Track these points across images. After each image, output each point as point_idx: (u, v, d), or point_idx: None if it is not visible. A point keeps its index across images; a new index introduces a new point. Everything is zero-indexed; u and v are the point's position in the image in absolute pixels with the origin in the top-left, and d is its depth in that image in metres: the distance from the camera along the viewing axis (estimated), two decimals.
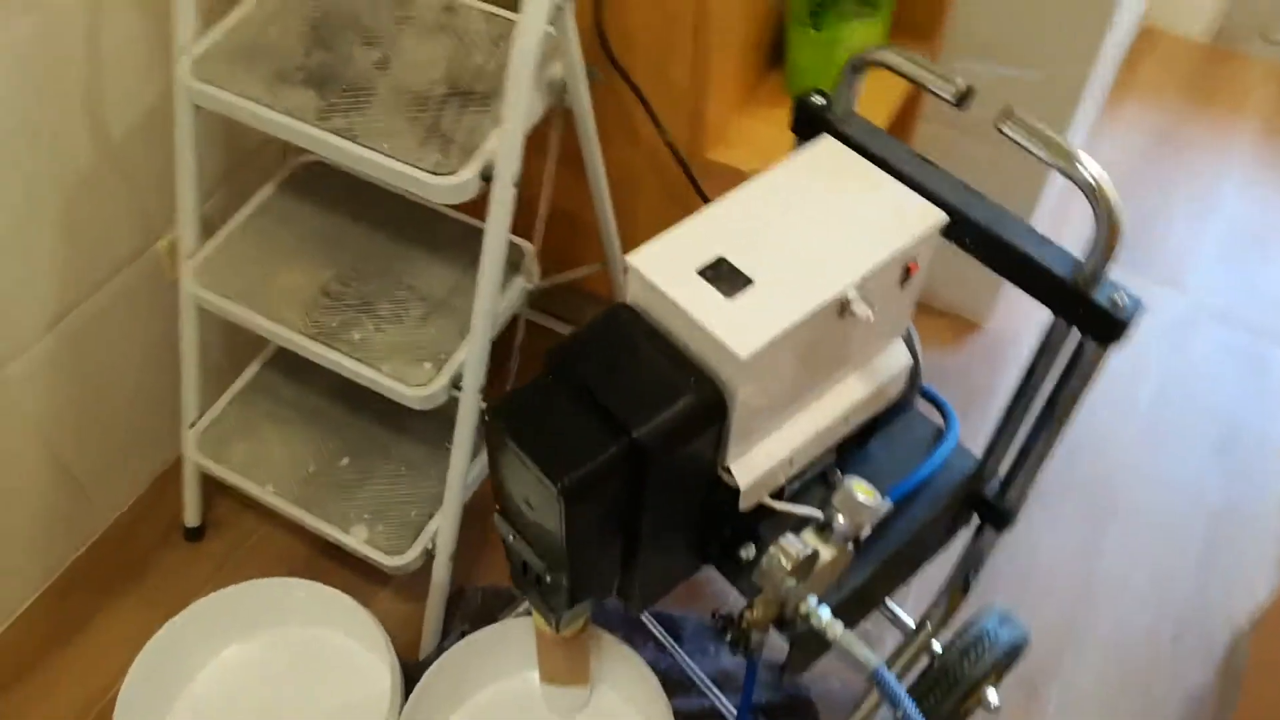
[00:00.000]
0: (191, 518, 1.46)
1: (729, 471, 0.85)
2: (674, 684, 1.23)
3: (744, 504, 0.88)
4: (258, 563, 1.45)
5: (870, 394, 0.93)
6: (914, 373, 0.99)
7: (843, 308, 0.80)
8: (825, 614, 0.85)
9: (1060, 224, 1.82)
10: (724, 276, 0.80)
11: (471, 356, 1.10)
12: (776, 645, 0.97)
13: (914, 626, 1.28)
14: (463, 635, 1.21)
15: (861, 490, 0.84)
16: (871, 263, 0.81)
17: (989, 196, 0.88)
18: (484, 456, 1.33)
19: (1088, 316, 0.83)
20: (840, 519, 0.84)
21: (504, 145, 0.98)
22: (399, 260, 1.21)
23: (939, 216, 0.84)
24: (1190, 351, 1.78)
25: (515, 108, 0.97)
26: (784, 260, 0.81)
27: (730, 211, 0.85)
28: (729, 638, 0.93)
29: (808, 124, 0.97)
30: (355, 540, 1.24)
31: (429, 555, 1.25)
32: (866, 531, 0.85)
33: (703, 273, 0.80)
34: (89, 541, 1.47)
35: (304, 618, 1.28)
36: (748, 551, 0.96)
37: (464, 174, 0.98)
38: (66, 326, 1.26)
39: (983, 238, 0.86)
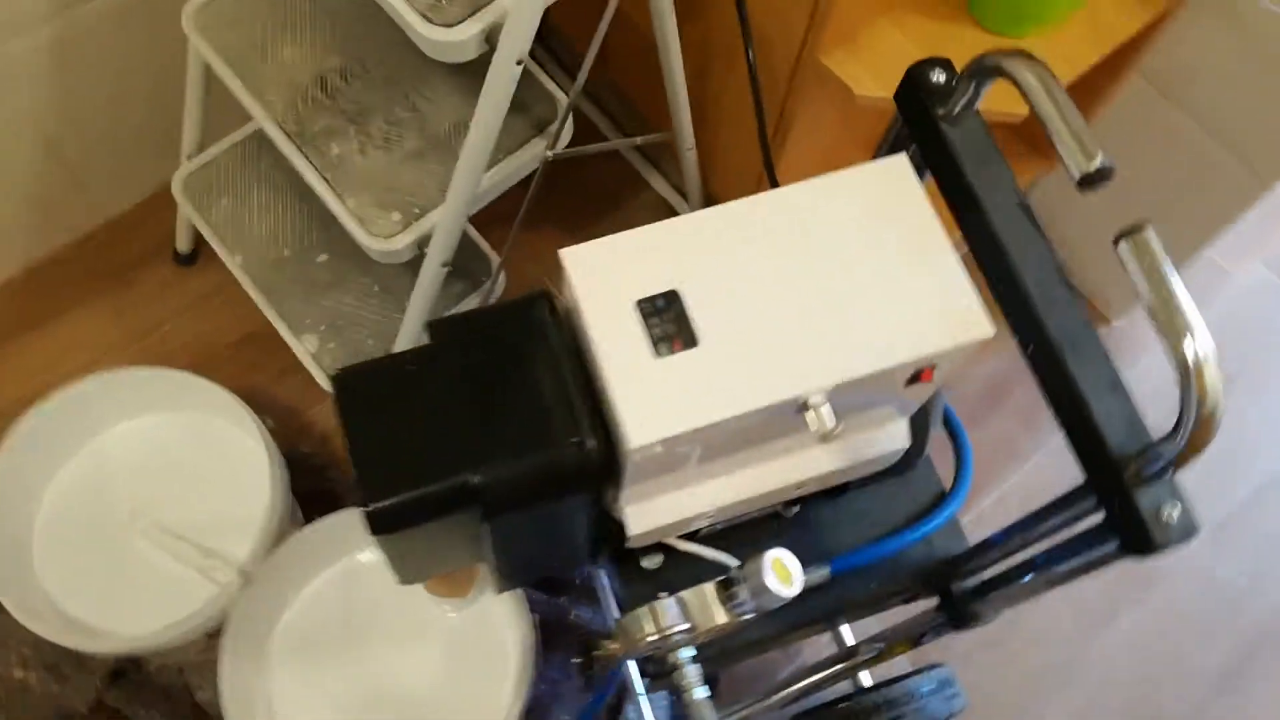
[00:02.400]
0: (183, 243, 1.38)
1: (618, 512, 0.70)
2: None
3: (632, 545, 0.74)
4: (233, 310, 1.37)
5: (839, 469, 0.75)
6: (916, 447, 0.79)
7: (802, 406, 0.61)
8: (693, 674, 0.73)
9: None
10: (665, 320, 0.61)
11: (441, 227, 0.93)
12: None
13: (848, 647, 1.15)
14: None
15: (778, 572, 0.67)
16: (865, 366, 0.60)
17: (1076, 301, 0.64)
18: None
19: (1121, 514, 0.62)
20: (744, 592, 0.70)
21: (515, 12, 0.76)
22: (416, 72, 1.01)
23: (984, 330, 0.62)
24: None
25: None
26: (753, 320, 0.61)
27: (721, 226, 0.64)
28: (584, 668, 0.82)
29: (911, 103, 0.72)
30: (303, 348, 1.15)
31: None
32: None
33: (643, 305, 0.61)
34: (78, 235, 1.41)
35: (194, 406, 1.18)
36: (652, 561, 0.83)
37: (464, 30, 0.77)
38: (71, 20, 1.12)
39: (1046, 354, 0.64)
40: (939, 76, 0.69)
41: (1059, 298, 0.63)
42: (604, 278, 0.62)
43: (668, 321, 0.61)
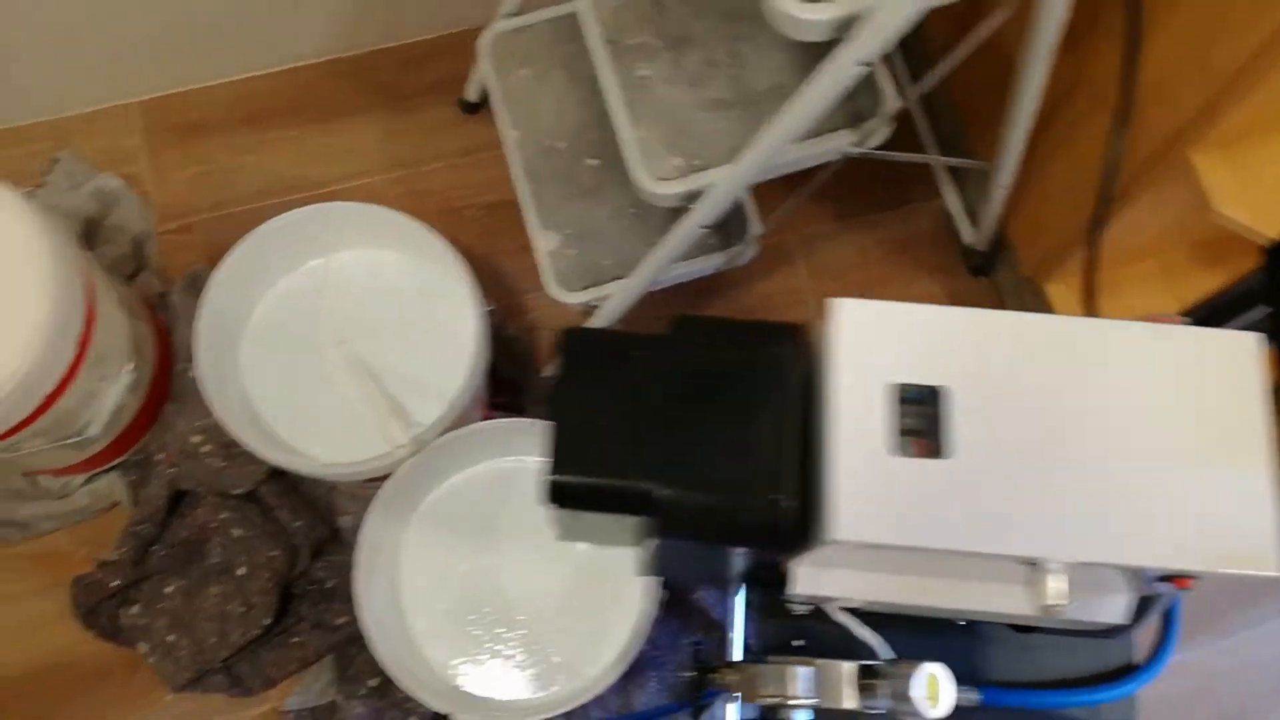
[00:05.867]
0: (472, 93, 1.38)
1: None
2: None
3: (788, 600, 0.70)
4: (493, 173, 1.37)
5: (1031, 616, 0.67)
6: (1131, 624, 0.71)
7: (1031, 564, 0.54)
8: None
9: None
10: (919, 416, 0.55)
11: (717, 190, 0.88)
12: None
13: None
14: None
15: (929, 687, 0.63)
16: (1123, 556, 0.53)
17: None
18: (690, 263, 1.15)
19: None
20: (884, 690, 0.65)
21: (881, 14, 0.68)
22: (751, 19, 0.95)
23: (1270, 568, 0.53)
24: None
25: None
26: (1016, 452, 0.54)
27: (1017, 334, 0.56)
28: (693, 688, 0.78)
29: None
30: (543, 243, 1.13)
31: (588, 310, 1.13)
32: None
33: (901, 390, 0.55)
34: (379, 45, 1.43)
35: (422, 257, 1.18)
36: (801, 607, 0.78)
37: (819, 10, 0.70)
38: None
39: None
40: None
41: None
42: (869, 344, 0.56)
43: (921, 418, 0.55)
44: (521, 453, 1.11)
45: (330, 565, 1.22)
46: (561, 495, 0.59)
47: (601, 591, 1.09)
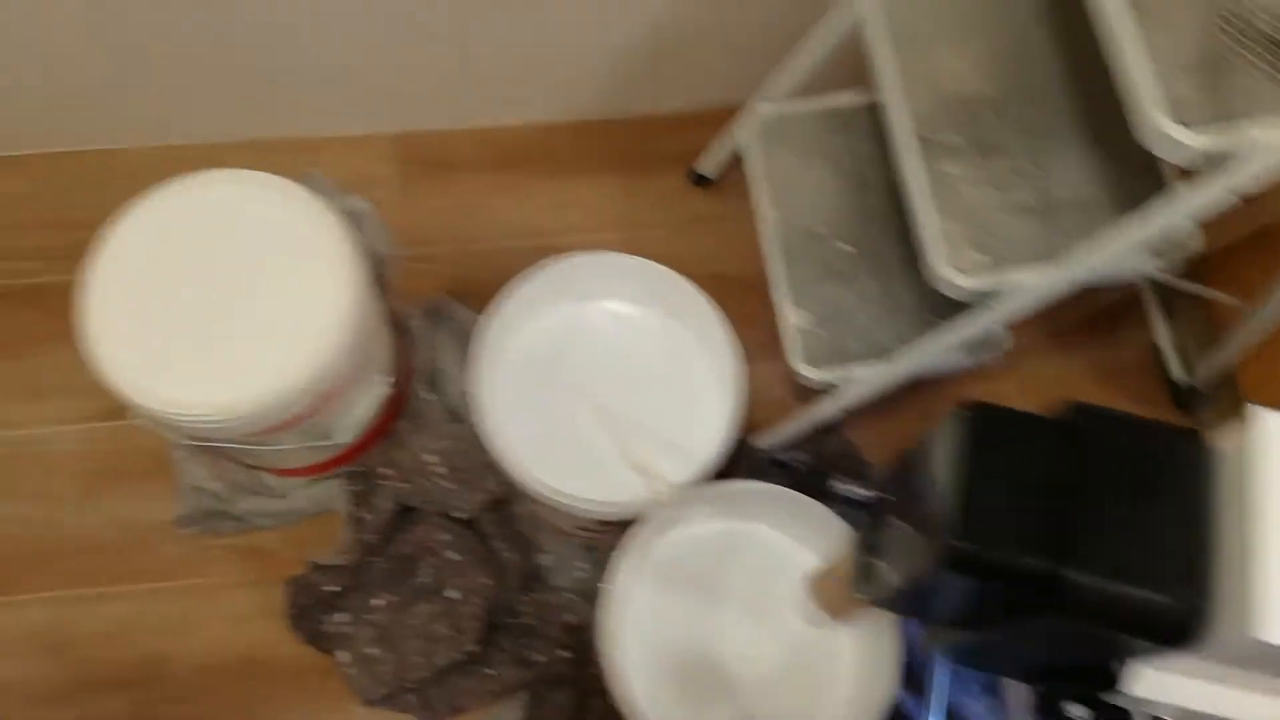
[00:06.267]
0: (709, 167, 1.45)
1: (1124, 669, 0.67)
2: None
3: (1114, 699, 0.70)
4: (714, 245, 1.43)
5: None
6: None
7: None
8: None
9: None
10: None
11: (1024, 291, 0.92)
12: None
13: None
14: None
15: None
16: None
17: None
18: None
19: None
20: None
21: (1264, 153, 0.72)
22: (1055, 134, 1.00)
23: None
24: None
25: None
26: None
27: None
28: None
29: None
30: (792, 319, 1.17)
31: (828, 389, 1.16)
32: None
33: None
34: (625, 113, 1.50)
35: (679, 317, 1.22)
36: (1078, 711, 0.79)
37: (1196, 137, 0.74)
38: None
39: None
40: None
41: None
42: None
43: None
44: (753, 519, 1.14)
45: (533, 602, 1.24)
46: (963, 563, 0.61)
47: (817, 671, 1.10)
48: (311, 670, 1.25)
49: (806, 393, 1.22)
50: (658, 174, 1.49)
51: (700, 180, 1.48)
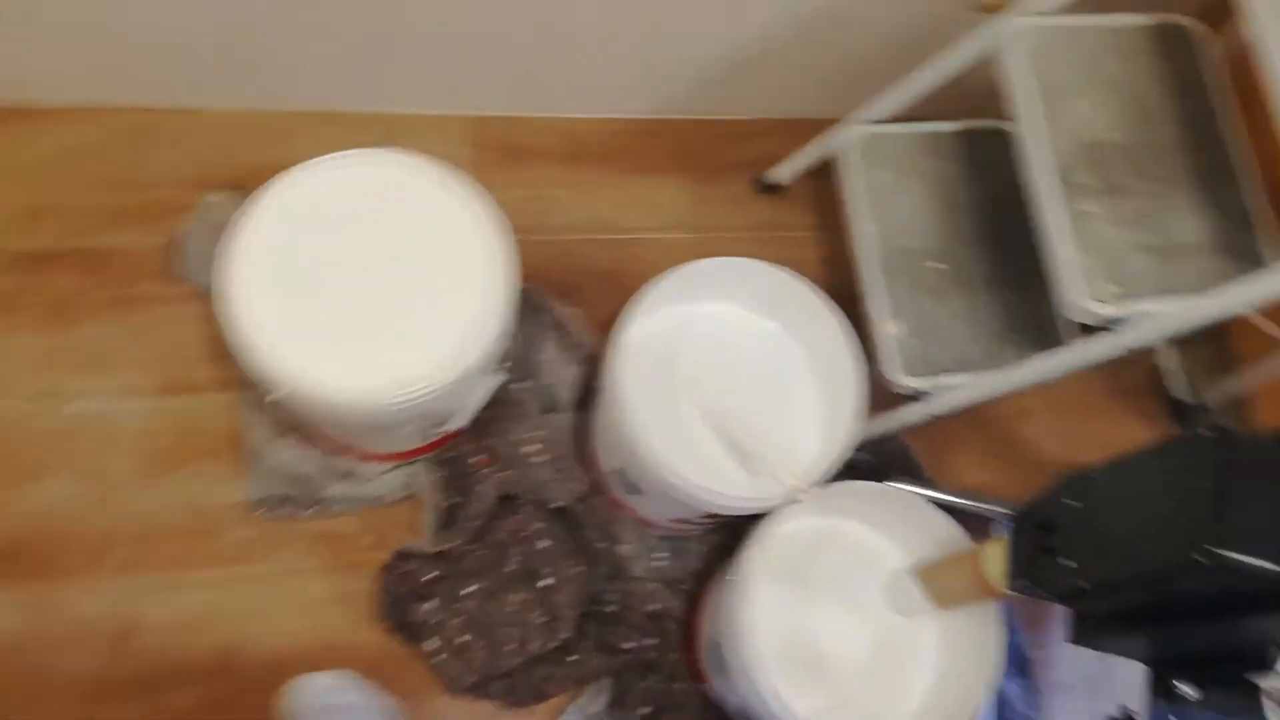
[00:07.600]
0: (784, 175, 1.49)
1: None
2: None
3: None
4: (780, 254, 1.46)
5: None
6: None
7: None
8: None
9: None
10: None
11: (1156, 320, 1.01)
12: None
13: None
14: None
15: None
16: None
17: None
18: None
19: None
20: None
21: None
22: (1174, 183, 1.10)
23: None
24: None
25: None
26: None
27: None
28: None
29: None
30: (891, 329, 1.24)
31: (917, 396, 1.23)
32: None
33: None
34: (701, 115, 1.54)
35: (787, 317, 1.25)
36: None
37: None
38: None
39: None
40: None
41: None
42: None
43: None
44: (847, 515, 1.19)
45: (619, 591, 1.26)
46: (1224, 567, 0.68)
47: (903, 659, 1.16)
48: (389, 659, 1.23)
49: (881, 399, 1.28)
50: (724, 179, 1.53)
51: (769, 189, 1.52)
